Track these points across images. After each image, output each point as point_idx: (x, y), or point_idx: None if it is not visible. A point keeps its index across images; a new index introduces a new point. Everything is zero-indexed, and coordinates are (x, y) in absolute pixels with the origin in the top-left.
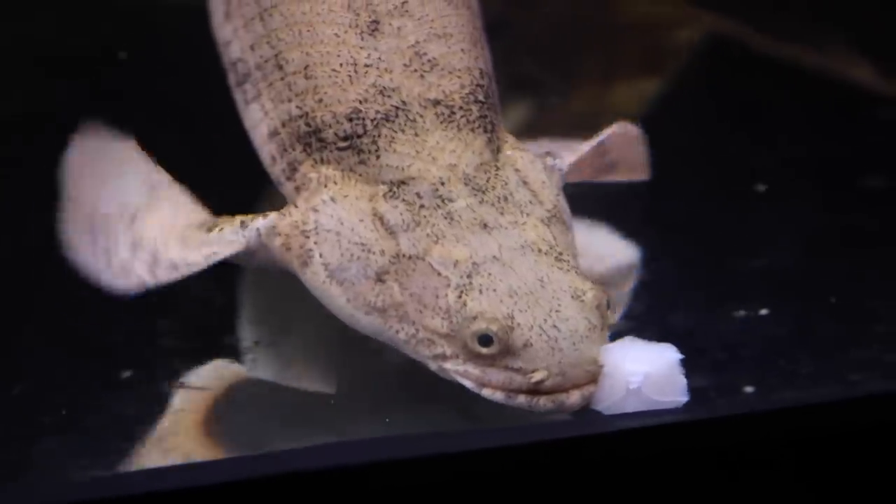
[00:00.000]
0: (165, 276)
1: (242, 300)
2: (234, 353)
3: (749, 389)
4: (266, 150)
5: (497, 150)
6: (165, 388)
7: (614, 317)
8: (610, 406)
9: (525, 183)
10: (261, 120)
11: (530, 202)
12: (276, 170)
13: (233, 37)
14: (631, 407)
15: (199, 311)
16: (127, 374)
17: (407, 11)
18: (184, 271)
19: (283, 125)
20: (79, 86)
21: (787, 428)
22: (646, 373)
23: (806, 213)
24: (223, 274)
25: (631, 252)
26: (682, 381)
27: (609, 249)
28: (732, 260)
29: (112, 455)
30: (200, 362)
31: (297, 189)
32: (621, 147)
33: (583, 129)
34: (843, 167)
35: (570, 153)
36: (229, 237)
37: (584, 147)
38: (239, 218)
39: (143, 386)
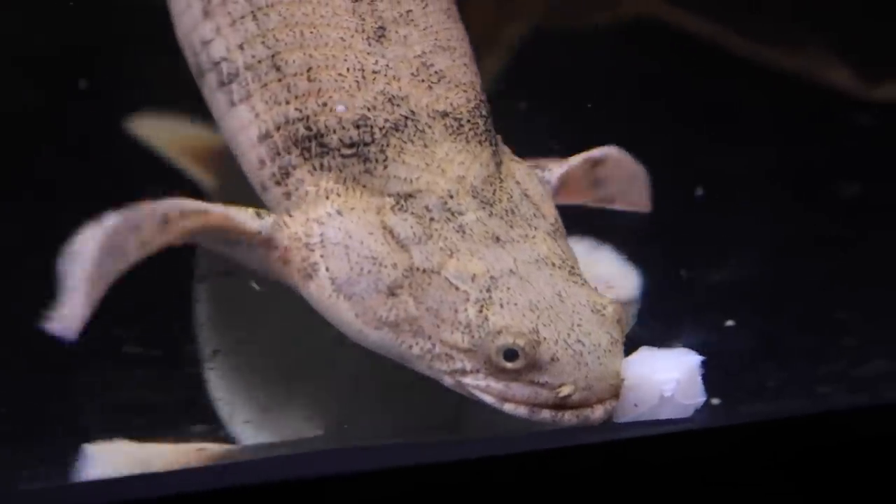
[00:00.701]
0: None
1: (200, 309)
2: (194, 362)
3: (715, 402)
4: (254, 153)
5: (499, 164)
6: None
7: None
8: (641, 415)
9: (527, 196)
10: (250, 122)
11: (534, 215)
12: (263, 174)
13: (215, 35)
14: (666, 414)
15: (158, 320)
16: (84, 380)
17: (412, 21)
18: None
19: (278, 128)
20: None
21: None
22: (677, 379)
23: (777, 221)
24: (180, 282)
25: (633, 279)
26: (700, 382)
27: (612, 275)
28: (698, 269)
29: (62, 465)
30: (161, 371)
31: (287, 195)
32: (621, 182)
33: None
34: (816, 173)
35: (558, 166)
36: (247, 216)
37: (573, 160)
38: (252, 209)
39: (101, 395)
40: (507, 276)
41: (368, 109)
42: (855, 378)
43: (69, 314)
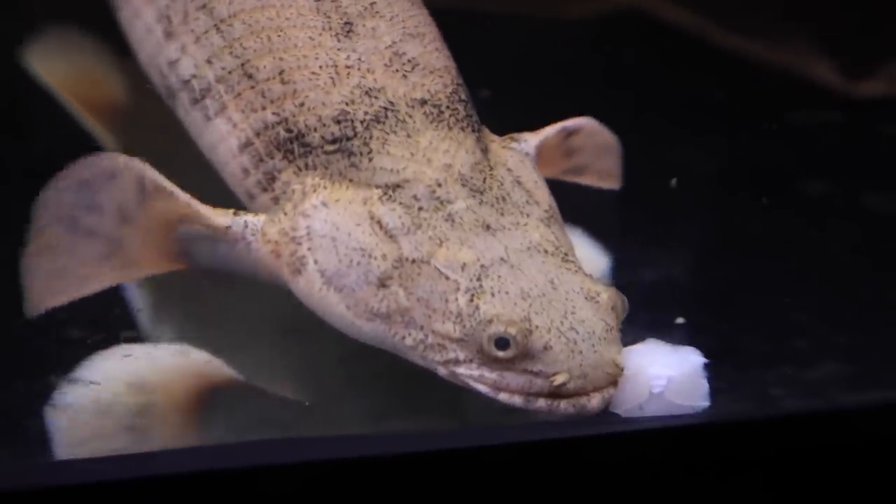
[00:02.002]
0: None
1: (140, 295)
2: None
3: None
4: (236, 163)
5: (485, 150)
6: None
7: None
8: (631, 409)
9: (519, 182)
10: (229, 133)
11: (527, 202)
12: (248, 183)
13: (180, 54)
14: (653, 411)
15: (102, 305)
16: (24, 359)
17: (377, 12)
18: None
19: (258, 135)
20: None
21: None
22: (669, 377)
23: (740, 218)
24: None
25: (603, 262)
26: (705, 386)
27: (583, 258)
28: (653, 265)
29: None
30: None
31: (275, 199)
32: (593, 152)
33: None
34: (785, 170)
35: (534, 136)
36: (218, 214)
37: (549, 130)
38: (233, 209)
39: (39, 379)
40: (497, 264)
41: (347, 104)
42: (805, 381)
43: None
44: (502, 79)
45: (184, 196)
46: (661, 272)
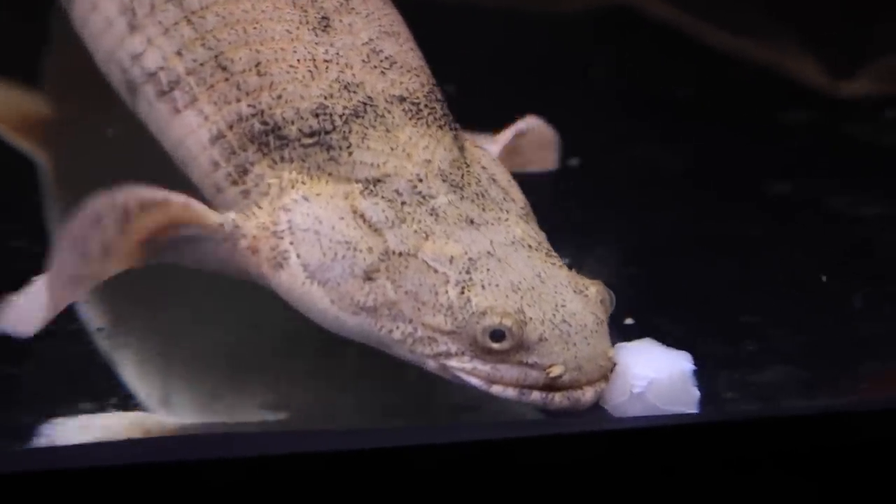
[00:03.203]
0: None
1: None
2: (77, 340)
3: None
4: (205, 156)
5: (462, 149)
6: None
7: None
8: (615, 407)
9: (495, 180)
10: (199, 125)
11: (504, 199)
12: (217, 176)
13: (146, 47)
14: (635, 411)
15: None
16: None
17: (353, 9)
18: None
19: (231, 127)
20: None
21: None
22: (652, 379)
23: (700, 218)
24: None
25: None
26: (694, 392)
27: None
28: (604, 264)
29: None
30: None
31: (246, 193)
32: (535, 148)
33: None
34: (755, 170)
35: (493, 143)
36: (211, 213)
37: (504, 137)
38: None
39: None
40: (485, 257)
41: (325, 98)
42: (754, 385)
43: (27, 316)
44: (472, 74)
45: (179, 200)
46: (613, 272)
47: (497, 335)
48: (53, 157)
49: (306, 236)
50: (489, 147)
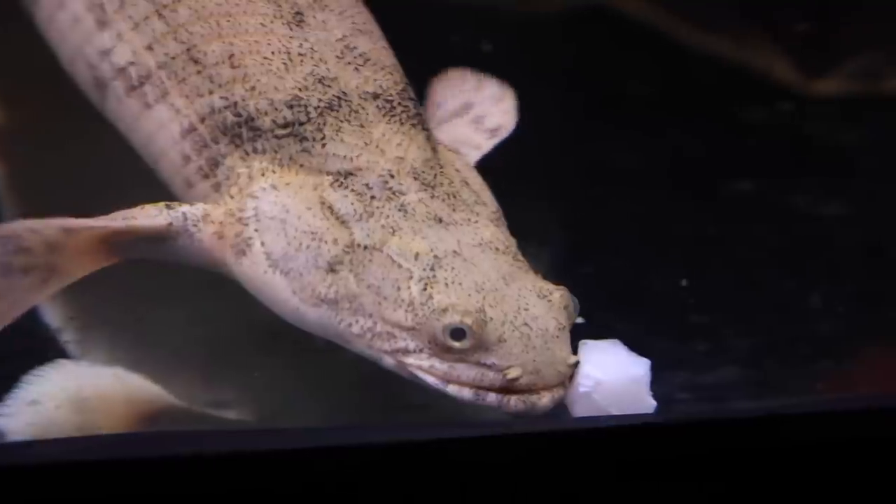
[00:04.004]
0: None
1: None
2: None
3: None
4: (176, 150)
5: (434, 150)
6: None
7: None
8: (568, 404)
9: (467, 183)
10: (171, 119)
11: (476, 202)
12: (188, 170)
13: (116, 42)
14: (582, 410)
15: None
16: None
17: (326, 5)
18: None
19: (203, 120)
20: None
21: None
22: (598, 380)
23: (658, 217)
24: None
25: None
26: (649, 401)
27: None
28: (558, 263)
29: None
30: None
31: (216, 186)
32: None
33: None
34: (719, 168)
35: (474, 151)
36: (152, 212)
37: (486, 147)
38: (163, 202)
39: None
40: (450, 256)
41: (300, 90)
42: (702, 385)
43: None
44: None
45: (115, 223)
46: (566, 271)
47: (457, 333)
48: (6, 165)
49: (272, 224)
50: (472, 154)
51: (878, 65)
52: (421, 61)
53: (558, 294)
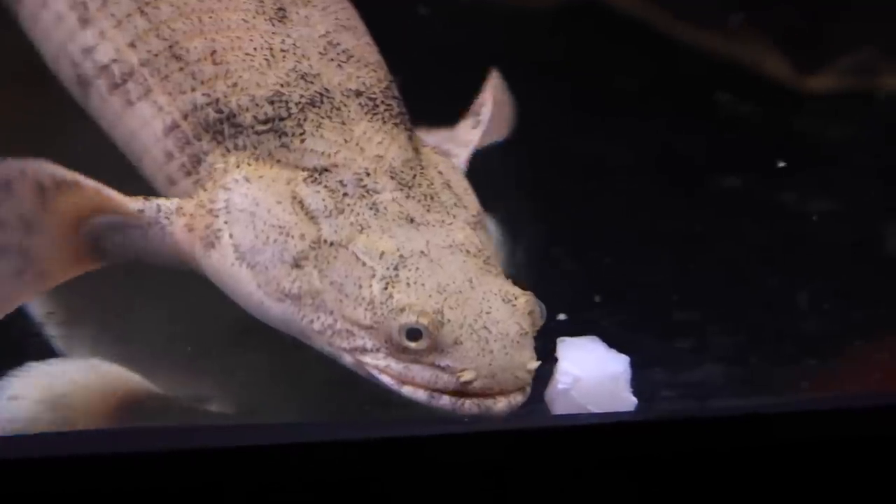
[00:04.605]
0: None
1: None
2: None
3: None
4: (159, 148)
5: (417, 150)
6: None
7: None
8: (547, 401)
9: (449, 186)
10: (153, 116)
11: (455, 205)
12: (170, 167)
13: (99, 40)
14: (561, 408)
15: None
16: None
17: (310, 1)
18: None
19: (186, 117)
20: None
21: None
22: (576, 376)
23: (645, 212)
24: None
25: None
26: (629, 398)
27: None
28: (542, 258)
29: None
30: None
31: (198, 183)
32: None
33: None
34: (708, 164)
35: (462, 149)
36: (128, 199)
37: (473, 144)
38: (142, 196)
39: None
40: (416, 256)
41: (282, 86)
42: (685, 383)
43: None
44: (429, 68)
45: (90, 184)
46: (551, 266)
47: (413, 334)
48: None
49: (241, 216)
50: (460, 155)
51: (872, 61)
52: (410, 60)
53: (524, 299)
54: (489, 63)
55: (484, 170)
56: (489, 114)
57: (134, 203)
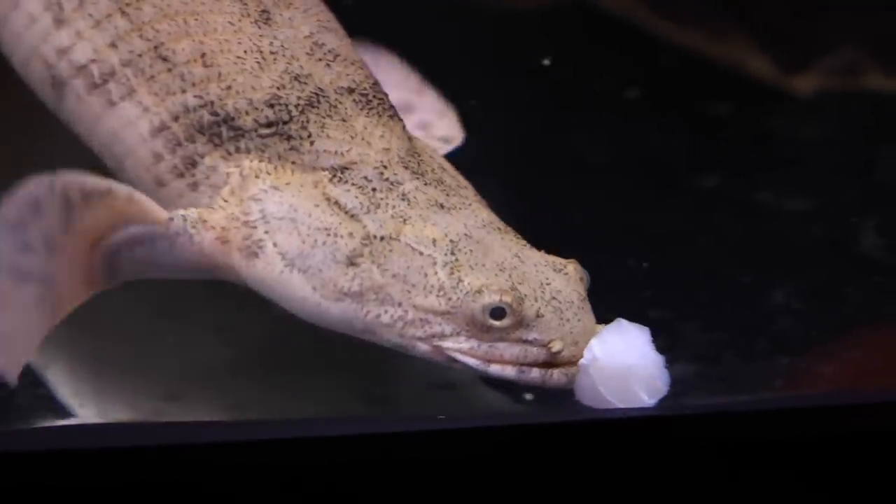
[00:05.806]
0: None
1: None
2: None
3: (529, 397)
4: (146, 148)
5: (411, 139)
6: None
7: None
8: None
9: (444, 169)
10: (138, 117)
11: (459, 186)
12: (159, 168)
13: (76, 40)
14: (582, 384)
15: None
16: None
17: (291, 3)
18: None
19: (176, 118)
20: None
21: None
22: (596, 357)
23: (619, 211)
24: None
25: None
26: (641, 397)
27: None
28: None
29: None
30: None
31: (194, 185)
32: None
33: None
34: (687, 163)
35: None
36: (158, 208)
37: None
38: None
39: None
40: (464, 239)
41: (278, 88)
42: None
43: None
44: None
45: (123, 190)
46: None
47: (497, 312)
48: None
49: (282, 224)
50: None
51: (856, 61)
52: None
53: (572, 266)
54: (477, 63)
55: (466, 167)
56: (452, 137)
57: (164, 212)
